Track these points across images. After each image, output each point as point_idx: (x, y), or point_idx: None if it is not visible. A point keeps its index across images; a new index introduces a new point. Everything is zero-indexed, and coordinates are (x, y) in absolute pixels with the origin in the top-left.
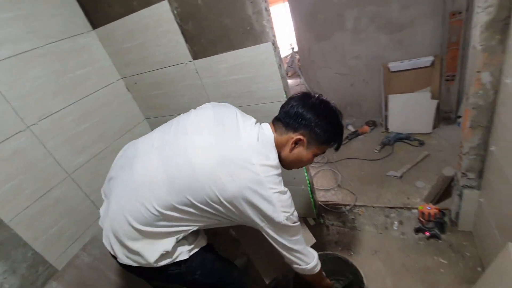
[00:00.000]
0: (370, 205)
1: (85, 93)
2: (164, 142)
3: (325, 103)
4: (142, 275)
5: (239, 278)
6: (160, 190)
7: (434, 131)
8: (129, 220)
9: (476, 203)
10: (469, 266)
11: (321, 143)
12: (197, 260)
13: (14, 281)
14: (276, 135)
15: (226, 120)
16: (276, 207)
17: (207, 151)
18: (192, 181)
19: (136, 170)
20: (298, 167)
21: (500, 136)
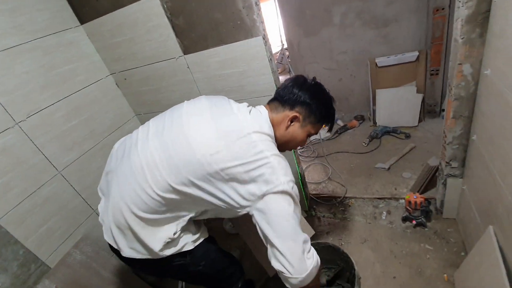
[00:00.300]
0: (360, 197)
1: (74, 89)
2: (160, 128)
3: (320, 85)
4: (145, 269)
5: (240, 271)
6: (159, 172)
7: (420, 124)
8: (131, 208)
9: (459, 191)
10: (453, 251)
11: (316, 122)
12: (201, 251)
13: (5, 279)
14: (272, 114)
15: (219, 104)
16: (275, 169)
17: (203, 128)
18: (189, 157)
19: (134, 157)
20: (292, 148)
21: (480, 125)
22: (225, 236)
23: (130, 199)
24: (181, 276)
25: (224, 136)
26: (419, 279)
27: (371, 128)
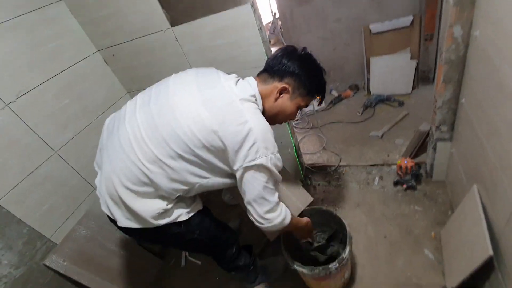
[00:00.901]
0: (353, 164)
1: (61, 67)
2: (147, 100)
3: (310, 56)
4: (144, 238)
5: (233, 236)
6: (146, 143)
7: (413, 92)
8: (122, 181)
9: (448, 154)
10: (441, 211)
11: (306, 93)
12: (195, 221)
13: (12, 257)
14: (261, 85)
15: (207, 75)
16: (257, 142)
17: (188, 99)
18: (173, 125)
19: (122, 131)
20: (281, 121)
21: (469, 89)
22: (224, 207)
23: (121, 172)
24: (178, 244)
25: (210, 106)
26: (408, 238)
27: (365, 97)
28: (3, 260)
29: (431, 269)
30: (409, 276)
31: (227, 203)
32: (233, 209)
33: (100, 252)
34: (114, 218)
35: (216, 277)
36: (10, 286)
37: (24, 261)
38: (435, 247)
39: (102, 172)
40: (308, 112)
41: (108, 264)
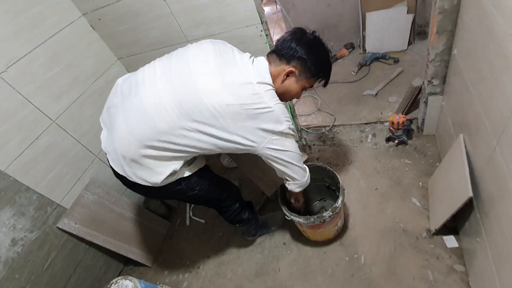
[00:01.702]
0: (348, 124)
1: (47, 34)
2: (167, 70)
3: (318, 39)
4: (148, 193)
5: (236, 193)
6: (169, 115)
7: (409, 47)
8: (139, 139)
9: (439, 108)
10: (429, 163)
11: (311, 76)
12: (195, 178)
13: (25, 222)
14: (270, 66)
15: (224, 52)
16: (278, 117)
17: (209, 76)
18: (198, 103)
19: (143, 95)
20: (286, 100)
21: (461, 38)
22: (223, 171)
23: (139, 135)
24: (182, 198)
25: (229, 85)
26: (397, 188)
27: (360, 56)
28: (17, 225)
29: (417, 215)
30: (397, 222)
31: (226, 166)
32: (232, 171)
33: (110, 215)
34: (125, 174)
35: (220, 232)
36: (28, 248)
37: (38, 225)
38: (422, 195)
39: (114, 131)
40: None
41: (119, 226)
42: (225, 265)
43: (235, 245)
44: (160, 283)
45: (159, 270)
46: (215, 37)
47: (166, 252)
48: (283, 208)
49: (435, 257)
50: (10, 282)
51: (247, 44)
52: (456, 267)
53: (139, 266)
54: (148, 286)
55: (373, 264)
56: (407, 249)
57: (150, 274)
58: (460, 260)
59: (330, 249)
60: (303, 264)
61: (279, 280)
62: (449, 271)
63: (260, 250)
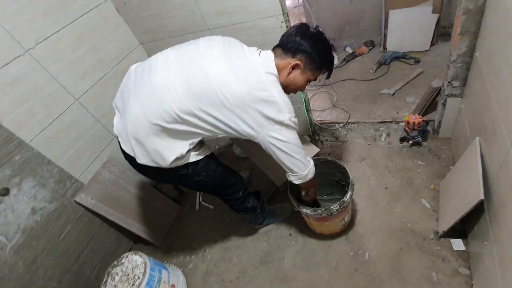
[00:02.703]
0: (362, 121)
1: (75, 15)
2: (179, 56)
3: (321, 33)
4: (155, 176)
5: (240, 182)
6: (179, 96)
7: (431, 48)
8: (151, 119)
9: (457, 110)
10: (443, 165)
11: (316, 68)
12: (201, 164)
13: (45, 193)
14: (276, 60)
15: (232, 43)
16: (281, 108)
17: (218, 63)
18: (206, 87)
19: (156, 79)
20: (291, 92)
21: (483, 40)
22: (235, 160)
23: (151, 115)
24: (187, 184)
25: (236, 71)
26: (408, 189)
27: (380, 54)
28: (37, 195)
29: (426, 216)
30: (404, 221)
31: (238, 156)
32: (244, 161)
33: (124, 194)
34: (135, 155)
35: (228, 219)
36: (46, 217)
37: (57, 197)
38: (433, 197)
39: (126, 114)
40: None
41: (132, 205)
42: (231, 250)
43: (242, 232)
44: (168, 262)
45: (167, 250)
46: (237, 27)
47: (175, 234)
48: (291, 199)
49: (440, 259)
50: (28, 249)
51: (267, 35)
52: (461, 270)
53: (148, 245)
54: (156, 264)
55: (378, 261)
56: (413, 249)
57: (158, 253)
58: (466, 263)
59: (335, 243)
60: (308, 256)
61: (282, 269)
62: (454, 274)
63: (266, 239)
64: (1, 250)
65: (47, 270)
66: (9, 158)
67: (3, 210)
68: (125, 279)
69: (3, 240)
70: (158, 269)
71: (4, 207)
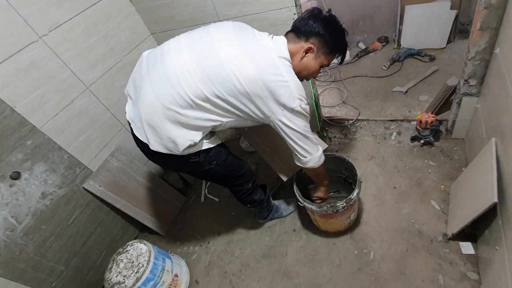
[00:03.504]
0: (372, 119)
1: (88, 3)
2: (191, 41)
3: (334, 17)
4: (166, 163)
5: (249, 172)
6: (193, 80)
7: (448, 46)
8: (165, 104)
9: (473, 110)
10: (455, 167)
11: (329, 52)
12: (213, 152)
13: (56, 178)
14: (289, 45)
15: (243, 28)
16: (292, 93)
17: (231, 47)
18: (219, 70)
19: (169, 63)
20: (304, 78)
21: (505, 36)
22: (241, 154)
23: (165, 100)
24: (198, 172)
25: (249, 55)
26: (417, 189)
27: (394, 50)
28: (48, 180)
29: (435, 218)
30: (412, 222)
31: (244, 149)
32: (250, 155)
33: (131, 183)
34: (148, 142)
35: (232, 212)
36: (56, 202)
37: (66, 183)
38: (443, 199)
39: (141, 98)
40: (331, 65)
41: (138, 194)
42: (234, 243)
43: (245, 226)
44: (172, 252)
45: (172, 240)
46: (248, 18)
47: (179, 224)
48: (296, 194)
49: (448, 262)
50: (37, 232)
51: (278, 27)
52: (469, 274)
53: (153, 234)
54: (160, 252)
55: (382, 261)
56: (419, 250)
57: (163, 242)
58: (474, 268)
59: (339, 241)
60: (311, 252)
61: (285, 264)
62: (462, 278)
63: (269, 234)
64: (11, 232)
65: (56, 252)
66: (21, 142)
67: (14, 193)
68: (129, 266)
69: (14, 222)
70: (162, 258)
71: (15, 190)
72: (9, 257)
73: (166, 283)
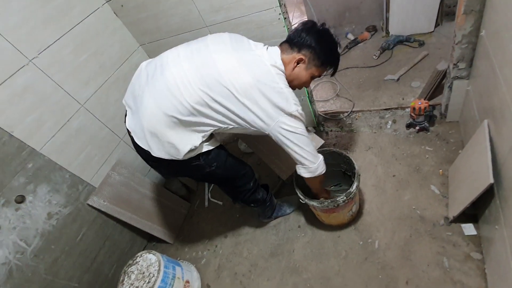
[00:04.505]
0: (367, 109)
1: (74, 21)
2: (189, 52)
3: (327, 30)
4: (168, 170)
5: (250, 172)
6: (193, 88)
7: (436, 29)
8: (167, 112)
9: (464, 92)
10: (451, 150)
11: (320, 65)
12: (212, 154)
13: (60, 198)
14: (282, 55)
15: (239, 39)
16: (288, 99)
17: (228, 57)
18: (218, 78)
19: (169, 74)
20: (295, 87)
21: (489, 19)
22: (240, 155)
23: (167, 108)
24: (200, 175)
25: (245, 63)
26: (416, 175)
27: (383, 39)
28: (52, 200)
29: (436, 202)
30: (413, 209)
31: (243, 151)
32: (250, 156)
33: (134, 195)
34: (150, 149)
35: (237, 214)
36: (62, 221)
37: (70, 201)
38: (442, 183)
39: (142, 109)
40: None
41: (143, 205)
42: (241, 244)
43: (251, 226)
44: (181, 258)
45: (180, 247)
46: (234, 22)
47: (186, 231)
48: (297, 192)
49: (451, 245)
50: (47, 252)
51: (264, 29)
52: (473, 254)
53: (161, 243)
54: (169, 261)
55: (387, 249)
56: (423, 236)
57: (171, 250)
58: (477, 248)
59: (344, 233)
60: (317, 247)
61: (293, 261)
62: (466, 259)
63: (275, 232)
64: (22, 254)
65: (68, 270)
66: (22, 166)
67: (21, 217)
68: (140, 277)
69: (23, 245)
70: (172, 266)
71: (21, 213)
72: (23, 280)
73: None
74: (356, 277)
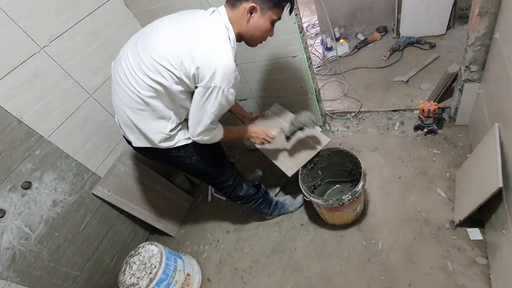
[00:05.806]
0: (374, 110)
1: (86, 11)
2: (135, 40)
3: None
4: (153, 156)
5: (230, 171)
6: (136, 74)
7: (448, 32)
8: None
9: (475, 96)
10: (459, 154)
11: (274, 6)
12: (193, 147)
13: (65, 186)
14: (230, 12)
15: (188, 14)
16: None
17: (166, 30)
18: (154, 56)
19: (119, 69)
20: (261, 40)
21: (504, 21)
22: (246, 151)
23: (127, 101)
24: (181, 166)
25: (182, 38)
26: (422, 178)
27: (393, 40)
28: (58, 188)
29: (442, 206)
30: (419, 211)
31: (248, 147)
32: (255, 152)
33: (139, 186)
34: (129, 140)
35: (240, 210)
36: (67, 209)
37: (76, 190)
38: (448, 187)
39: (115, 106)
40: (330, 58)
41: (146, 197)
42: (244, 240)
43: (253, 223)
44: (182, 252)
45: (182, 240)
46: None
47: (188, 224)
48: (302, 189)
49: (456, 249)
50: (50, 239)
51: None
52: (478, 259)
53: (163, 235)
54: (171, 253)
55: (391, 250)
56: (427, 238)
57: (173, 243)
58: (483, 253)
59: (347, 233)
60: (320, 245)
61: (294, 258)
62: (470, 263)
63: (277, 229)
64: (26, 240)
65: (70, 258)
66: (30, 152)
67: (26, 202)
68: (142, 268)
69: (28, 231)
70: (174, 258)
71: (27, 199)
72: (25, 265)
73: (179, 283)
74: (358, 278)
